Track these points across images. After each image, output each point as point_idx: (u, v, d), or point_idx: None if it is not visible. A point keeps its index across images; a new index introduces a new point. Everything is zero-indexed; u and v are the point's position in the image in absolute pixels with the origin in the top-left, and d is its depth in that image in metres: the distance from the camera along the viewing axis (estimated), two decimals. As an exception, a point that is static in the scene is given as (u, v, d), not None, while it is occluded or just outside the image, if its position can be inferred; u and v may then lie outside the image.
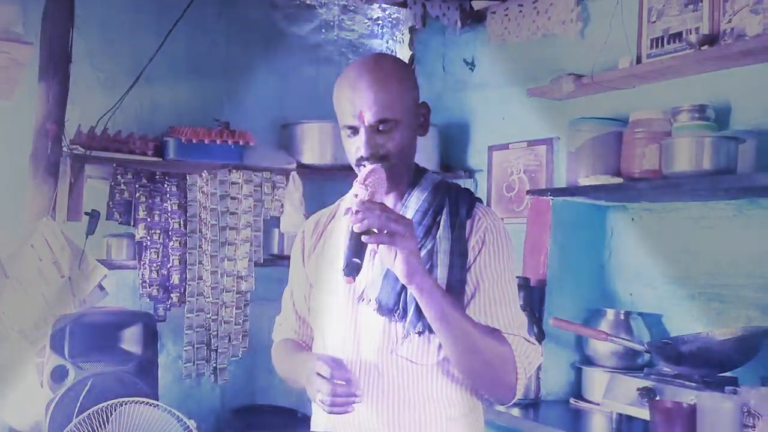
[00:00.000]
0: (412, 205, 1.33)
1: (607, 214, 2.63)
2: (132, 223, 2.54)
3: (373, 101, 1.26)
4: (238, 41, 3.01)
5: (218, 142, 2.55)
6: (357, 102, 1.26)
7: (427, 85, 3.42)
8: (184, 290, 2.58)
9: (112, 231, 2.58)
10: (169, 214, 2.57)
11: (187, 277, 2.57)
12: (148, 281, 2.53)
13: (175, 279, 2.55)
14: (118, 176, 2.50)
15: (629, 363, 2.34)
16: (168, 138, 2.56)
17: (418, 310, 1.23)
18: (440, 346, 1.27)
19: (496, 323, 1.26)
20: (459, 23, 3.10)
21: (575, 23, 2.73)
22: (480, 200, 1.39)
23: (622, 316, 2.40)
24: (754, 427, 1.52)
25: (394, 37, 3.49)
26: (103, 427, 1.93)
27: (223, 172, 2.63)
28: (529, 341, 1.27)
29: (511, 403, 1.29)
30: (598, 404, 2.30)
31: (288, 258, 2.78)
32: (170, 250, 2.56)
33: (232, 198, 2.64)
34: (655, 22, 2.40)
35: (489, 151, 3.11)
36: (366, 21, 3.41)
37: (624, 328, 2.38)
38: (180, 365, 2.67)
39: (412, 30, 3.48)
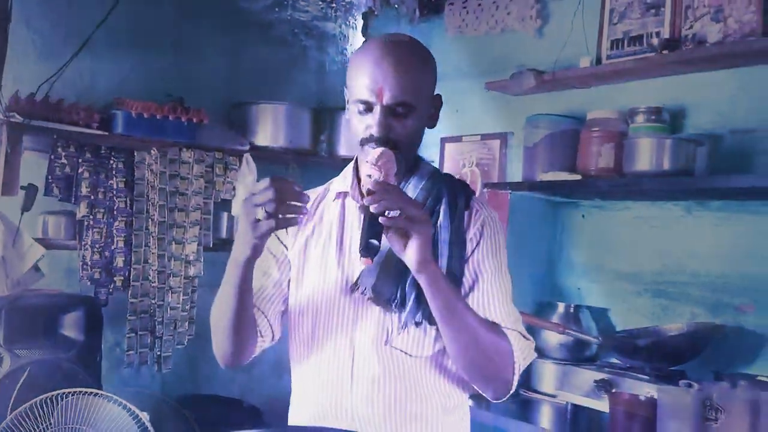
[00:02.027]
0: (410, 193, 1.29)
1: (558, 210, 2.69)
2: (73, 201, 2.38)
3: (396, 81, 1.21)
4: (188, 14, 2.87)
5: (171, 118, 2.41)
6: (379, 78, 1.21)
7: (380, 73, 3.39)
8: (129, 274, 2.44)
9: (50, 208, 2.41)
10: (114, 193, 2.41)
11: (132, 260, 2.43)
12: (89, 263, 2.37)
13: (119, 262, 2.41)
14: (59, 149, 2.32)
15: (578, 355, 2.40)
16: (116, 110, 2.41)
17: (418, 301, 1.20)
18: (436, 338, 1.24)
19: (495, 317, 1.25)
20: (417, 12, 3.07)
21: (534, 20, 2.77)
22: (474, 192, 1.37)
23: (572, 310, 2.46)
24: (716, 421, 1.58)
25: (347, 22, 3.43)
26: (43, 420, 1.80)
27: (173, 150, 2.50)
28: (525, 336, 1.26)
29: (504, 399, 1.28)
30: (548, 395, 2.35)
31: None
32: (115, 231, 2.41)
33: (183, 178, 2.51)
34: (616, 24, 2.46)
35: (441, 142, 3.11)
36: (320, 3, 3.32)
37: (573, 321, 2.44)
38: (118, 353, 2.53)
39: (366, 16, 3.43)
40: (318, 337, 1.30)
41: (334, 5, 3.37)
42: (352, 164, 1.38)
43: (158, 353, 2.49)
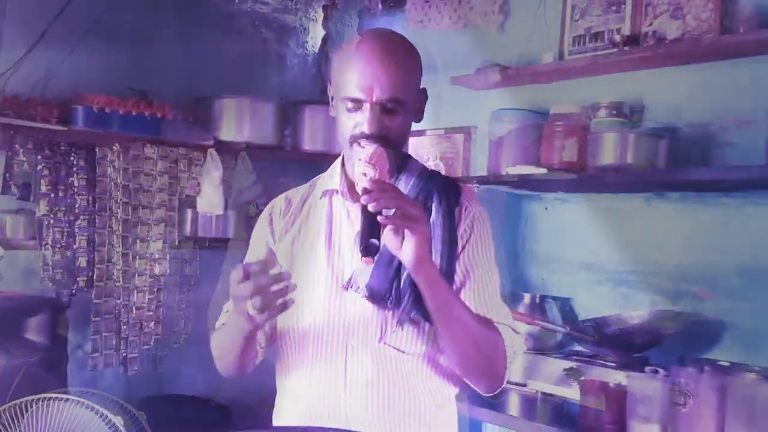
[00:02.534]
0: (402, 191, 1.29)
1: (523, 203, 2.74)
2: (32, 199, 2.30)
3: (386, 77, 1.21)
4: (146, 5, 2.80)
5: (134, 113, 2.35)
6: (368, 75, 1.21)
7: (342, 67, 3.38)
8: (92, 274, 2.37)
9: (8, 207, 2.32)
10: (75, 190, 2.34)
11: (96, 259, 2.36)
12: (50, 264, 2.30)
13: (82, 261, 2.34)
14: (16, 145, 2.24)
15: (544, 345, 2.46)
16: (77, 105, 2.33)
17: (413, 298, 1.21)
18: (429, 334, 1.26)
19: (487, 313, 1.27)
20: (379, 5, 3.07)
21: (497, 15, 2.80)
22: (462, 189, 1.39)
23: (537, 300, 2.51)
24: (685, 405, 1.65)
25: (308, 15, 3.40)
26: (12, 429, 1.74)
27: (136, 146, 2.44)
28: (515, 331, 1.29)
29: (496, 393, 1.31)
30: (518, 384, 2.40)
31: (204, 240, 2.68)
32: (77, 230, 2.34)
33: (146, 174, 2.45)
34: (578, 20, 2.51)
35: (405, 136, 3.13)
36: (280, -5, 3.29)
37: (539, 311, 2.50)
38: (81, 355, 2.46)
39: (326, 8, 3.41)
40: (309, 338, 1.30)
41: (294, -3, 3.34)
42: (339, 162, 1.38)
43: (124, 355, 2.43)
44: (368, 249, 1.10)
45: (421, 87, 1.32)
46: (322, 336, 1.29)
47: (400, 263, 1.17)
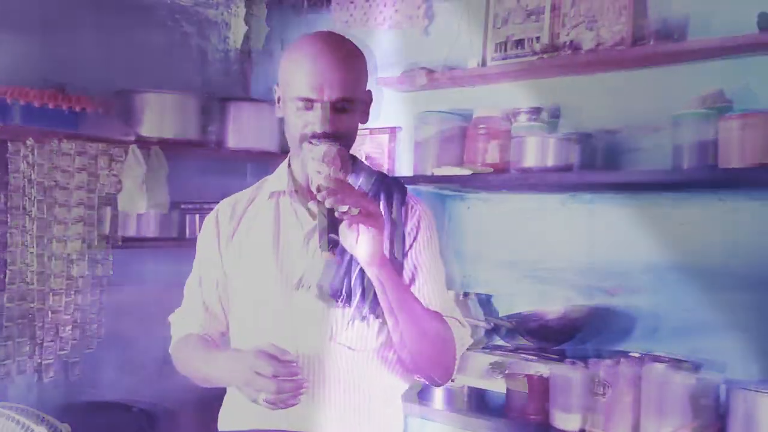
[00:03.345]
0: None
1: (446, 203, 2.83)
2: (-64, 196, 2.15)
3: (337, 77, 1.24)
4: (60, -7, 2.66)
5: (51, 106, 2.24)
6: (319, 75, 1.23)
7: (266, 64, 3.35)
8: (4, 276, 2.24)
9: None
10: (-15, 187, 2.21)
11: (8, 260, 2.23)
12: (-43, 265, 2.16)
13: (-7, 262, 2.21)
14: None
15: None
16: (-13, 98, 2.19)
17: (364, 295, 1.24)
18: (379, 331, 1.29)
19: (436, 307, 1.31)
20: (305, 3, 3.07)
21: (422, 19, 2.86)
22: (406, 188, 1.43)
23: (461, 297, 2.60)
24: (604, 395, 1.77)
25: (230, 9, 3.34)
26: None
27: (52, 141, 2.32)
28: (461, 324, 1.34)
29: (445, 385, 1.35)
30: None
31: (124, 239, 2.58)
32: (-13, 229, 2.21)
33: (63, 171, 2.34)
34: (500, 28, 2.61)
35: (329, 135, 3.14)
36: (201, -12, 3.21)
37: (463, 307, 2.58)
38: (-12, 361, 2.32)
39: (248, 4, 3.36)
40: (259, 338, 1.30)
41: (215, -9, 3.28)
42: (285, 163, 1.39)
43: (38, 361, 2.32)
44: (329, 243, 1.11)
45: (367, 89, 1.36)
46: (272, 337, 1.29)
47: (350, 261, 1.20)
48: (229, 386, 1.29)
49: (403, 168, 2.87)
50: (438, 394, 2.40)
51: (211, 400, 1.43)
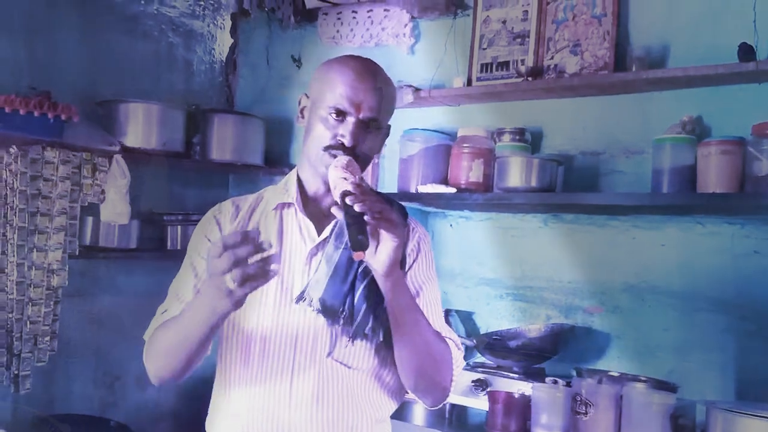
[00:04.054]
0: None
1: (429, 220, 2.85)
2: None
3: (375, 98, 1.28)
4: (47, 1, 2.64)
5: (36, 114, 2.22)
6: (360, 92, 1.27)
7: (251, 77, 3.36)
8: (-18, 284, 2.20)
9: None
10: (-34, 194, 2.17)
11: (-13, 268, 2.20)
12: (-65, 273, 2.11)
13: (-29, 271, 2.17)
14: None
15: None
16: (-30, 104, 2.17)
17: (367, 313, 1.25)
18: (377, 350, 1.29)
19: (436, 327, 1.32)
20: (292, 19, 3.08)
21: (408, 38, 2.90)
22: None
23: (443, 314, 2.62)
24: (586, 414, 1.79)
25: (215, 22, 3.35)
26: None
27: (35, 149, 2.30)
28: (457, 346, 1.35)
29: (440, 406, 1.36)
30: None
31: (105, 250, 2.55)
32: (-34, 237, 2.17)
33: (46, 179, 2.31)
34: (485, 49, 2.66)
35: (314, 150, 3.15)
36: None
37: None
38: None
39: (234, 17, 3.37)
40: (254, 351, 1.29)
41: (202, 3, 3.28)
42: (293, 175, 1.39)
43: (15, 372, 2.27)
44: (360, 243, 1.11)
45: (389, 122, 1.38)
46: (269, 351, 1.29)
47: (354, 278, 1.20)
48: (207, 319, 1.17)
49: (387, 185, 2.89)
50: (419, 412, 2.41)
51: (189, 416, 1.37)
